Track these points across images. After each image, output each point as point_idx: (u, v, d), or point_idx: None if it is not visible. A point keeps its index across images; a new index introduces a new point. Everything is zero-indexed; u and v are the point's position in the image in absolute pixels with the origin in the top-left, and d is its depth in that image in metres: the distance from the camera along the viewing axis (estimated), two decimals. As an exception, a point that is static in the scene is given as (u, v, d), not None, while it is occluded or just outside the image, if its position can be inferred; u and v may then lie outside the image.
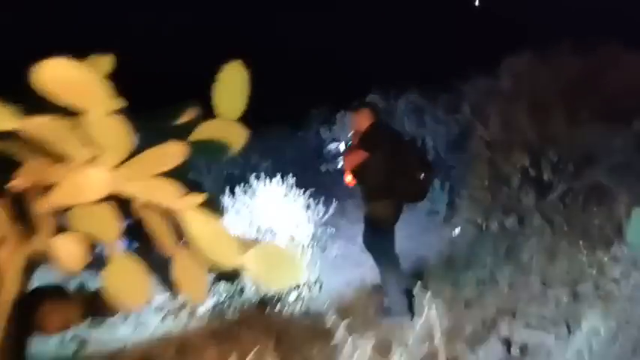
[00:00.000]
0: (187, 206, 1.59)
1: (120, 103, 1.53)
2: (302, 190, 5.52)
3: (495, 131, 4.98)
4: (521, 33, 7.56)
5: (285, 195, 5.46)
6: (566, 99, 4.95)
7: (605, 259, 3.55)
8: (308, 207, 5.44)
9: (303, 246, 4.84)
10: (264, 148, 8.92)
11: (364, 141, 4.07)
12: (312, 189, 5.95)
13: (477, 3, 11.24)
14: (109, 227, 1.69)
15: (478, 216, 4.75)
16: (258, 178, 5.53)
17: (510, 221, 4.63)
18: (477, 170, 4.74)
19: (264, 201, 5.20)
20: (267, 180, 5.63)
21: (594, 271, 3.52)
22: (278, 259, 1.57)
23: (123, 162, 1.64)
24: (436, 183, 6.39)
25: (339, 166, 4.52)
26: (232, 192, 5.38)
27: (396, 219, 4.24)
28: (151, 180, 1.64)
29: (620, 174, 4.55)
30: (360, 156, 4.01)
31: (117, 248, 1.64)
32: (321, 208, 5.51)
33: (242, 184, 5.47)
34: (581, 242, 4.05)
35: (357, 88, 7.83)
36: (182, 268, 1.77)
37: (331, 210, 5.55)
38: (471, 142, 5.21)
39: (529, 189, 4.72)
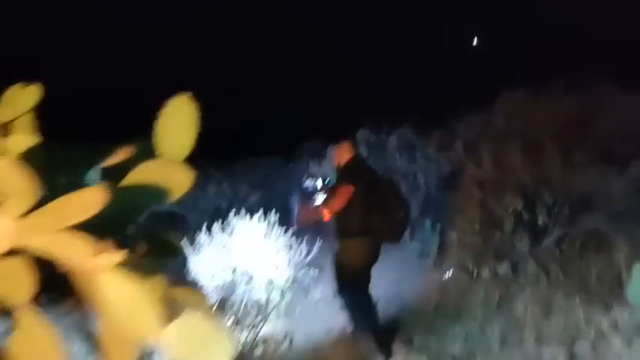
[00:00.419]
0: (101, 266, 1.34)
1: (34, 139, 1.29)
2: (284, 228, 5.24)
3: (487, 171, 4.75)
4: (517, 70, 7.47)
5: (266, 234, 5.17)
6: (561, 139, 4.75)
7: (604, 320, 3.25)
8: (290, 247, 5.16)
9: (282, 291, 4.53)
10: (254, 179, 8.73)
11: (346, 174, 3.85)
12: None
13: (474, 42, 11.33)
14: (19, 285, 1.43)
15: (469, 261, 4.46)
16: (238, 213, 5.25)
17: (503, 268, 4.35)
18: (467, 212, 4.49)
19: (243, 240, 4.91)
20: (249, 216, 5.37)
21: (592, 330, 3.21)
22: (204, 336, 1.31)
23: (30, 210, 1.39)
24: (427, 224, 6.15)
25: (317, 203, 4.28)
26: (209, 229, 5.09)
27: (371, 261, 3.95)
28: (60, 233, 1.39)
29: (619, 220, 4.31)
30: (349, 190, 3.77)
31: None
32: (304, 247, 5.22)
33: (221, 221, 5.18)
34: (578, 296, 3.77)
35: (350, 122, 7.68)
36: (107, 333, 1.51)
37: (315, 249, 5.25)
38: (462, 181, 4.98)
39: (523, 234, 4.45)
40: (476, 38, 11.03)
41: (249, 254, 4.70)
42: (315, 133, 8.54)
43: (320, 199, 4.02)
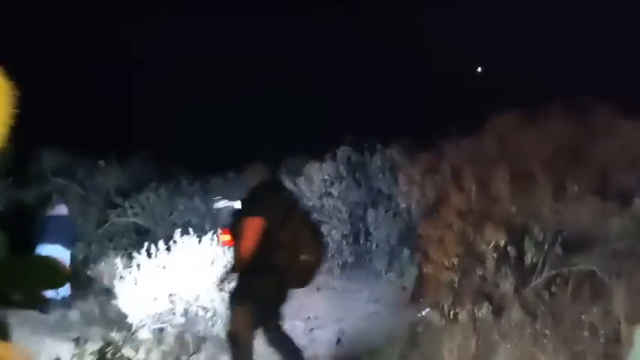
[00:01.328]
0: None
1: None
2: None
3: (470, 199, 4.24)
4: (511, 91, 7.04)
5: (213, 261, 4.60)
6: (554, 167, 4.25)
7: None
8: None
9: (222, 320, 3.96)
10: (229, 195, 8.21)
11: (252, 202, 3.32)
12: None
13: (479, 69, 11.04)
14: None
15: (445, 300, 3.91)
16: (187, 232, 4.71)
17: (483, 311, 3.80)
18: (445, 244, 3.95)
19: (187, 261, 4.35)
20: (196, 236, 4.83)
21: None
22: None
23: None
24: (405, 253, 5.63)
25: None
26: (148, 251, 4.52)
27: (274, 303, 3.40)
28: None
29: (617, 262, 3.78)
30: (254, 222, 3.22)
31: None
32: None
33: (165, 240, 4.63)
34: (568, 351, 3.23)
35: (333, 138, 7.21)
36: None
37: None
38: (444, 208, 4.46)
39: (507, 272, 3.91)
40: (479, 68, 10.78)
41: (191, 278, 4.15)
42: (296, 149, 8.10)
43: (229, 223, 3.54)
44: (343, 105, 8.36)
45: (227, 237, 3.56)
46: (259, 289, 3.23)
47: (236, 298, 3.34)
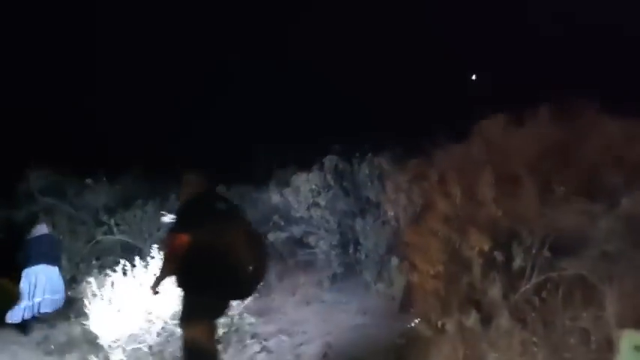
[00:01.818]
0: None
1: None
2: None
3: (456, 204, 4.12)
4: (500, 94, 6.96)
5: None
6: (541, 169, 4.14)
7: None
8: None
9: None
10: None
11: (184, 215, 3.20)
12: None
13: (473, 77, 10.99)
14: None
15: (432, 310, 3.78)
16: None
17: (471, 319, 3.66)
18: (429, 251, 3.83)
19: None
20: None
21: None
22: None
23: None
24: (393, 262, 5.49)
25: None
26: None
27: (212, 316, 3.28)
28: None
29: (608, 265, 3.66)
30: (182, 238, 3.10)
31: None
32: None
33: (141, 257, 4.51)
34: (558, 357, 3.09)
35: (320, 148, 7.10)
36: None
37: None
38: (429, 215, 4.34)
39: (495, 278, 3.78)
40: (474, 75, 10.74)
41: (167, 295, 3.99)
42: (284, 159, 8.00)
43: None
44: (330, 113, 8.29)
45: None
46: (199, 304, 3.11)
47: (182, 317, 3.22)
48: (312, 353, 4.35)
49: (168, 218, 3.85)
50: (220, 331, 4.18)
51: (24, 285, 6.08)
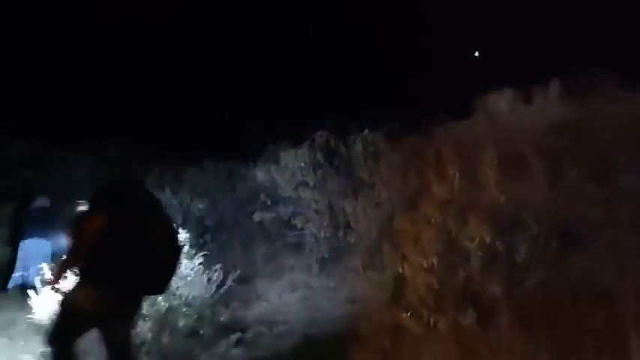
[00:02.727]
0: None
1: None
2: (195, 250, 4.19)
3: (454, 187, 3.69)
4: (506, 68, 6.44)
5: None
6: (549, 149, 3.69)
7: None
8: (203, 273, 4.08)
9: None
10: (198, 184, 7.71)
11: (99, 198, 2.88)
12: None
13: (476, 54, 10.48)
14: None
15: (423, 306, 3.39)
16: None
17: (468, 317, 3.27)
18: (422, 241, 3.41)
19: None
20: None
21: None
22: None
23: None
24: (386, 249, 5.08)
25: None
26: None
27: (121, 313, 2.96)
28: None
29: (623, 259, 3.24)
30: (94, 221, 2.86)
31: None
32: (218, 275, 4.14)
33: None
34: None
35: (309, 121, 6.65)
36: None
37: (229, 281, 4.17)
38: (423, 199, 3.91)
39: (496, 272, 3.37)
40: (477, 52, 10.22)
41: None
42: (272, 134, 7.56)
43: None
44: (324, 86, 7.78)
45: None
46: (105, 297, 2.77)
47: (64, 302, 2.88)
48: (291, 347, 3.98)
49: (83, 206, 3.50)
50: (190, 321, 3.83)
51: (20, 254, 6.33)
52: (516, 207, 3.50)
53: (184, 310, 3.80)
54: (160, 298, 3.66)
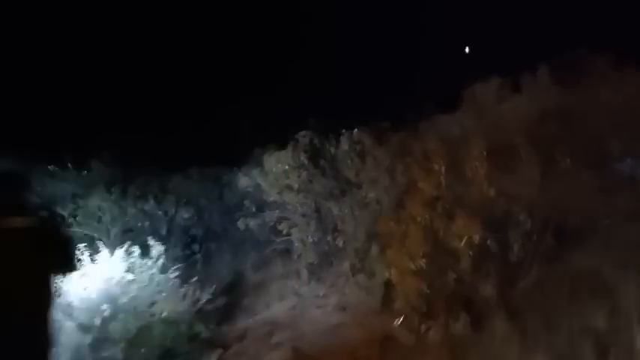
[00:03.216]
0: None
1: None
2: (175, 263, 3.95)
3: (441, 182, 3.45)
4: (493, 56, 6.21)
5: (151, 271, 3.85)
6: (540, 137, 3.45)
7: None
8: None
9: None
10: (184, 193, 7.47)
11: None
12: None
13: (467, 50, 10.28)
14: None
15: (413, 312, 3.15)
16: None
17: (460, 322, 3.03)
18: (411, 240, 3.18)
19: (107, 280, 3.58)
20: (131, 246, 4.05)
21: None
22: None
23: None
24: (374, 251, 4.85)
25: None
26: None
27: None
28: None
29: (623, 255, 3.01)
30: None
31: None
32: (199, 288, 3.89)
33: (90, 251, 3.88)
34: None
35: (291, 120, 6.40)
36: None
37: (205, 295, 3.91)
38: (408, 197, 3.67)
39: (488, 272, 3.14)
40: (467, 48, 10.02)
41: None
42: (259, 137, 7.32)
43: None
44: (306, 85, 7.53)
45: None
46: None
47: None
48: (276, 362, 3.73)
49: None
50: (168, 340, 3.56)
51: None
52: (507, 201, 3.27)
53: (160, 327, 3.54)
54: (131, 318, 3.40)
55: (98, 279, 3.72)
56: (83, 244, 4.45)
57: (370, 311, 4.39)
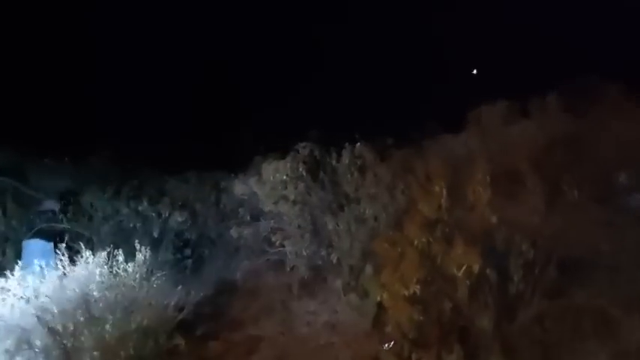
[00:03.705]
0: None
1: None
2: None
3: (442, 205, 3.33)
4: (501, 79, 6.11)
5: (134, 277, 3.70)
6: (547, 166, 3.34)
7: None
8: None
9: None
10: (179, 196, 7.37)
11: None
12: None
13: (474, 72, 10.30)
14: None
15: (404, 339, 3.00)
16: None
17: (453, 357, 2.89)
18: (406, 264, 3.04)
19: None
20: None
21: None
22: None
23: None
24: (368, 269, 4.70)
25: None
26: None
27: None
28: None
29: (629, 290, 2.88)
30: None
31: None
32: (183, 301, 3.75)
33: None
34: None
35: (293, 132, 6.32)
36: None
37: (190, 304, 3.76)
38: (406, 219, 3.55)
39: (487, 303, 3.00)
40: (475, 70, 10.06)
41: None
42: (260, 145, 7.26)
43: None
44: (311, 97, 7.46)
45: None
46: None
47: None
48: (260, 382, 3.58)
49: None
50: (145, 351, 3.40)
51: (23, 255, 6.07)
52: (510, 229, 3.14)
53: (135, 337, 3.37)
54: (107, 325, 3.24)
55: (77, 281, 3.59)
56: (64, 243, 4.37)
57: (360, 332, 4.24)
